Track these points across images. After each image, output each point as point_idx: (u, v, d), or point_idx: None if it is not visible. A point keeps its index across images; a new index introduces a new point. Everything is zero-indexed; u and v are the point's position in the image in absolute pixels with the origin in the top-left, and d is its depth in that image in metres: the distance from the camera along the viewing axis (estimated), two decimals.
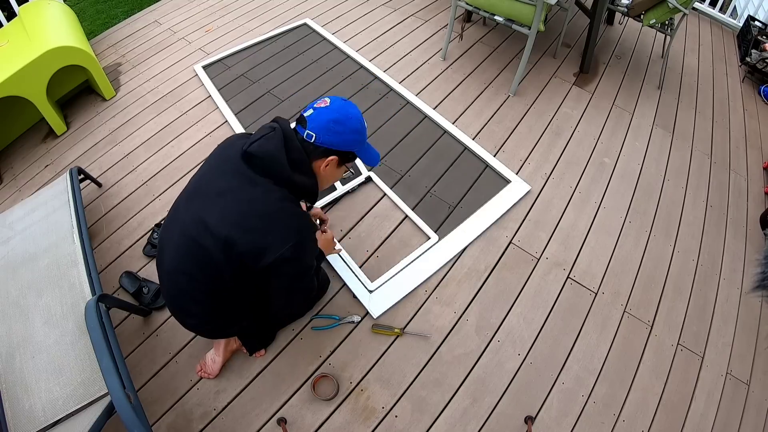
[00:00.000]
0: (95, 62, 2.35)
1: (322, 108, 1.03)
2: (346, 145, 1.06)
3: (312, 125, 1.02)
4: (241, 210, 0.97)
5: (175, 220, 1.08)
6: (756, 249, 1.98)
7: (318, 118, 1.02)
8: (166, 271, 1.10)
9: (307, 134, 1.02)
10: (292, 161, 1.00)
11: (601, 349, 1.57)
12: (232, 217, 0.97)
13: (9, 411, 1.17)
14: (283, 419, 1.36)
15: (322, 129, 1.02)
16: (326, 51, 2.70)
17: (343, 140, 1.05)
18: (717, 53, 3.06)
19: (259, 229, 0.96)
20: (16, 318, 1.35)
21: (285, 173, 1.00)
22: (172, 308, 1.18)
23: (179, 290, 1.09)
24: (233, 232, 0.96)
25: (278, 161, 0.99)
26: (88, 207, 1.96)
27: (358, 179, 1.97)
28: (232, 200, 0.98)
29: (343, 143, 1.05)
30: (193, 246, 1.00)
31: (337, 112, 1.03)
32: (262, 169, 1.00)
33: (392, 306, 1.60)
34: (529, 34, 2.19)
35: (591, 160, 2.16)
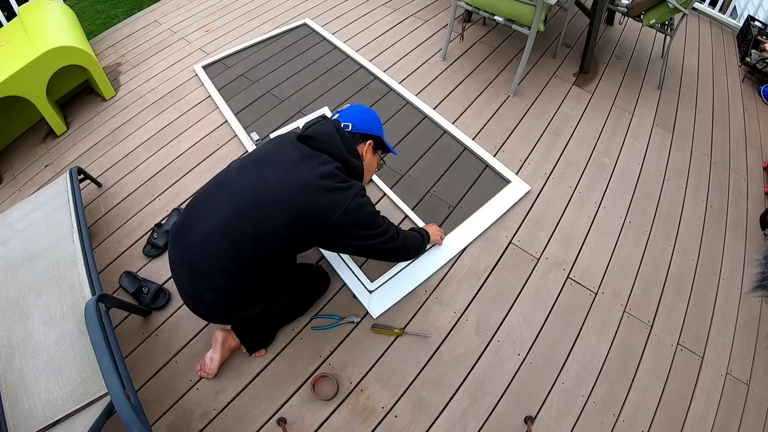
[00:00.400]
0: (95, 62, 2.35)
1: (346, 108, 1.30)
2: (375, 130, 1.30)
3: (345, 118, 1.26)
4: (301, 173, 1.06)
5: (221, 188, 1.14)
6: (756, 249, 1.98)
7: (348, 114, 1.28)
8: (203, 233, 1.08)
9: (344, 125, 1.24)
10: (345, 145, 1.16)
11: (601, 349, 1.57)
12: (293, 179, 1.06)
13: (9, 411, 1.17)
14: (283, 419, 1.36)
15: (355, 119, 1.26)
16: (326, 51, 2.70)
17: (372, 125, 1.30)
18: (717, 53, 3.06)
19: (320, 190, 1.05)
20: (16, 318, 1.35)
21: (341, 152, 1.15)
22: (191, 282, 1.13)
23: (210, 256, 1.07)
24: (294, 193, 1.04)
25: (335, 140, 1.15)
26: (88, 207, 1.96)
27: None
28: (292, 167, 1.08)
29: (372, 128, 1.30)
30: (251, 205, 1.05)
31: (359, 107, 1.31)
32: (318, 148, 1.13)
33: (392, 306, 1.60)
34: (529, 34, 2.19)
35: (591, 160, 2.16)
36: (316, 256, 1.74)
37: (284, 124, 2.25)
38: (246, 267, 1.10)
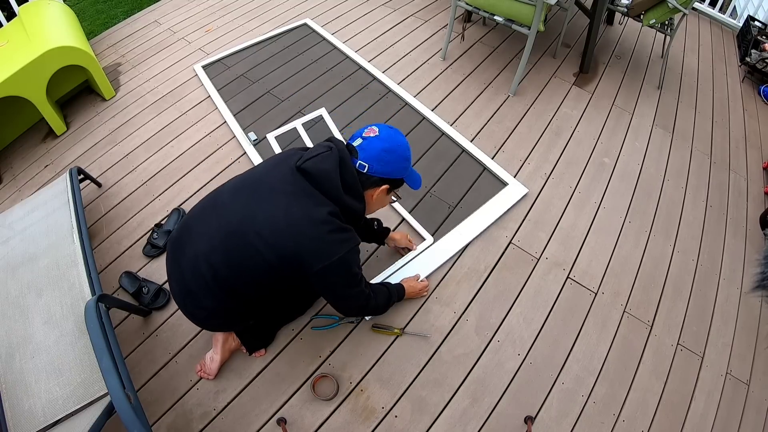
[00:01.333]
0: (95, 62, 2.35)
1: (372, 138, 1.06)
2: (397, 173, 1.10)
3: (364, 155, 1.05)
4: (293, 214, 0.98)
5: (213, 209, 1.09)
6: (756, 249, 1.98)
7: (369, 148, 1.05)
8: (191, 257, 1.07)
9: (360, 165, 1.05)
10: (345, 184, 1.03)
11: (601, 349, 1.57)
12: (283, 219, 0.98)
13: (9, 411, 1.17)
14: (283, 419, 1.36)
15: (374, 159, 1.04)
16: (326, 51, 2.70)
17: (394, 169, 1.08)
18: (717, 53, 3.06)
19: (308, 237, 0.98)
20: (16, 318, 1.35)
21: (337, 194, 1.02)
22: (183, 298, 1.14)
23: (198, 280, 1.07)
24: (282, 234, 0.98)
25: (332, 182, 1.01)
26: (88, 207, 1.96)
27: None
28: (285, 203, 1.00)
29: (395, 171, 1.09)
30: (233, 242, 1.02)
31: (388, 141, 1.05)
32: (315, 184, 1.02)
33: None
34: (529, 34, 2.19)
35: (591, 160, 2.16)
36: None
37: (284, 124, 2.25)
38: (231, 294, 1.08)
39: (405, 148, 1.09)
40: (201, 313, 1.15)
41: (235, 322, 1.25)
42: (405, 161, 1.09)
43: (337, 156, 1.03)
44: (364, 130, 1.08)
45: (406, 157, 1.10)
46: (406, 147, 1.09)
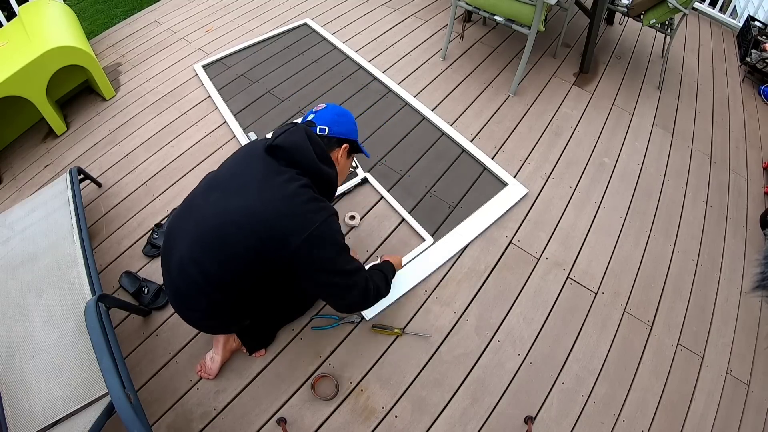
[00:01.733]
0: (95, 62, 2.35)
1: (323, 109, 1.22)
2: (351, 134, 1.24)
3: (321, 121, 1.18)
4: (265, 196, 0.99)
5: (189, 212, 1.09)
6: (756, 249, 1.98)
7: (324, 116, 1.20)
8: (177, 261, 1.07)
9: (320, 129, 1.17)
10: (316, 153, 1.09)
11: (601, 349, 1.57)
12: (257, 203, 0.98)
13: (9, 411, 1.17)
14: (283, 419, 1.36)
15: (332, 122, 1.19)
16: (326, 51, 2.70)
17: (348, 129, 1.23)
18: (717, 53, 3.06)
19: (284, 213, 0.97)
20: (16, 318, 1.35)
21: (312, 162, 1.07)
22: (177, 302, 1.15)
23: (188, 282, 1.07)
24: (258, 217, 0.97)
25: (305, 150, 1.06)
26: (88, 207, 1.96)
27: (355, 180, 1.96)
28: (256, 188, 1.00)
29: (349, 132, 1.23)
30: (212, 236, 1.01)
31: (338, 109, 1.23)
32: (287, 160, 1.05)
33: (386, 308, 1.60)
34: (529, 34, 2.19)
35: (591, 160, 2.16)
36: None
37: (284, 124, 2.25)
38: (223, 289, 1.06)
39: (350, 116, 1.26)
40: (196, 314, 1.15)
41: (231, 322, 1.23)
42: (354, 125, 1.26)
43: (302, 129, 1.10)
44: (314, 108, 1.24)
45: (354, 121, 1.26)
46: (351, 116, 1.27)
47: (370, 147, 2.12)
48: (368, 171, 2.02)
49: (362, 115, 2.30)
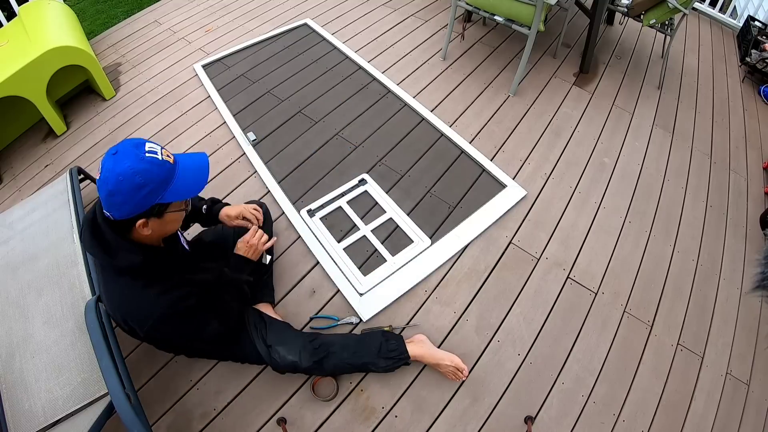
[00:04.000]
0: (95, 62, 2.36)
1: (98, 181, 0.88)
2: (141, 207, 0.89)
3: (103, 205, 0.90)
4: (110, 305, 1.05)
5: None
6: (756, 249, 1.98)
7: (100, 195, 0.88)
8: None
9: (106, 215, 0.91)
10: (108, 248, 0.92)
11: (601, 349, 1.57)
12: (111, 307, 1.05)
13: (9, 411, 1.17)
14: (283, 419, 1.36)
15: (108, 206, 0.88)
16: (326, 51, 2.70)
17: (133, 205, 0.88)
18: (717, 53, 3.06)
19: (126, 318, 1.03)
20: (16, 318, 1.35)
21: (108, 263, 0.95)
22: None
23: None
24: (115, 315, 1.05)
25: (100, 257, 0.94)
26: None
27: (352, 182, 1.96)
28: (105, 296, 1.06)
29: (136, 207, 0.88)
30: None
31: (107, 183, 0.85)
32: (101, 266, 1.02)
33: (384, 308, 1.60)
34: (529, 34, 2.19)
35: (591, 160, 2.16)
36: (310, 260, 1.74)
37: (284, 124, 2.25)
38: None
39: (127, 179, 0.85)
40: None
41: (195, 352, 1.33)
42: (137, 191, 0.86)
43: (88, 225, 0.94)
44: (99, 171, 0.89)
45: (136, 185, 0.85)
46: (128, 175, 0.84)
47: (370, 147, 2.12)
48: (368, 172, 2.02)
49: (362, 116, 2.30)
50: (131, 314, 0.99)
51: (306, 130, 2.22)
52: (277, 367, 1.30)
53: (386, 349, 1.36)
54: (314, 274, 1.70)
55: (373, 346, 1.35)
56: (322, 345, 1.32)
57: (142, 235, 0.94)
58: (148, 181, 0.87)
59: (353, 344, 1.36)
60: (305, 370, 1.30)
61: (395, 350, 1.37)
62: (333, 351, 1.32)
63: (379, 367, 1.35)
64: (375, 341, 1.37)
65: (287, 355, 1.28)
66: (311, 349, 1.30)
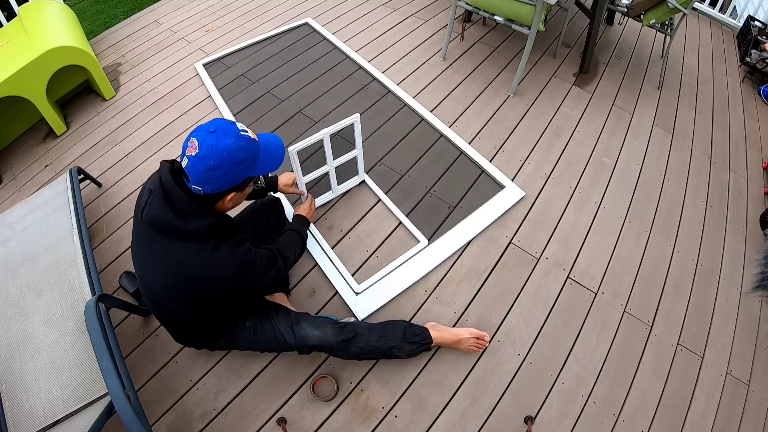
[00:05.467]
0: (95, 62, 2.36)
1: (193, 157, 0.91)
2: (236, 180, 0.97)
3: (193, 179, 0.93)
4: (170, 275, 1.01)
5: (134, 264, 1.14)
6: (756, 249, 1.98)
7: (194, 170, 0.92)
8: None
9: (196, 189, 0.95)
10: (180, 213, 0.95)
11: (601, 349, 1.57)
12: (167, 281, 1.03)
13: (9, 411, 1.17)
14: (283, 419, 1.36)
15: (203, 181, 0.93)
16: (326, 51, 2.70)
17: (230, 179, 0.96)
18: (717, 53, 3.06)
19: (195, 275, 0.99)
20: (16, 318, 1.35)
21: (177, 229, 0.96)
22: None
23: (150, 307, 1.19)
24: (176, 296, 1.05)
25: (167, 222, 0.95)
26: (88, 207, 1.96)
27: (353, 181, 1.96)
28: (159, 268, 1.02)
29: (232, 180, 0.96)
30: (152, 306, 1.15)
31: (208, 158, 0.90)
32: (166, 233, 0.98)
33: (382, 307, 1.60)
34: (529, 34, 2.19)
35: (591, 160, 2.16)
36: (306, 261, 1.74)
37: (284, 124, 2.25)
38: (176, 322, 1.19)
39: (232, 154, 0.92)
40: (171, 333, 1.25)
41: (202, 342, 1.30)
42: (239, 165, 0.94)
43: (159, 192, 0.96)
44: (188, 142, 0.93)
45: (238, 160, 0.94)
46: (233, 151, 0.92)
47: (370, 147, 2.12)
48: (367, 172, 2.01)
49: (362, 115, 2.28)
50: (206, 275, 0.98)
51: (306, 130, 2.22)
52: (303, 345, 1.28)
53: (411, 333, 1.40)
54: (314, 274, 1.70)
55: (398, 330, 1.39)
56: (349, 327, 1.33)
57: (222, 206, 1.02)
58: (248, 156, 0.96)
59: (378, 329, 1.37)
60: (331, 347, 1.31)
61: (419, 335, 1.41)
62: (360, 333, 1.33)
63: (404, 351, 1.38)
64: (399, 327, 1.40)
65: (313, 330, 1.29)
66: (338, 327, 1.32)
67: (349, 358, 1.37)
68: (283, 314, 1.33)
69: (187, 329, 1.22)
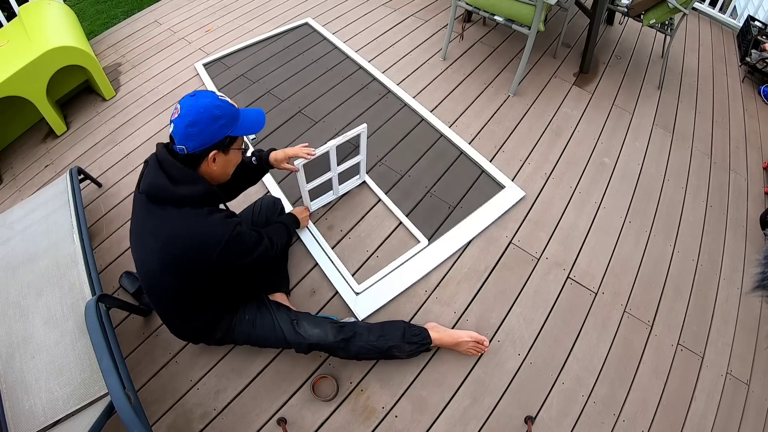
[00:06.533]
0: (95, 62, 2.36)
1: (176, 119, 1.00)
2: (215, 137, 1.03)
3: (177, 139, 1.01)
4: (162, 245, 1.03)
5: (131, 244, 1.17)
6: (756, 249, 1.98)
7: (176, 130, 1.00)
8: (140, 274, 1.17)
9: (179, 149, 1.02)
10: (171, 178, 1.01)
11: (601, 349, 1.57)
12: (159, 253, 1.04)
13: (9, 411, 1.17)
14: (283, 419, 1.36)
15: (184, 138, 1.00)
16: (326, 51, 2.70)
17: (207, 137, 1.02)
18: (717, 53, 3.06)
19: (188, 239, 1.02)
20: (16, 318, 1.35)
21: (170, 193, 1.01)
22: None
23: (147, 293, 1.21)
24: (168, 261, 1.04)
25: (160, 187, 1.01)
26: (88, 207, 1.96)
27: (354, 181, 1.96)
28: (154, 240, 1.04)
29: (211, 137, 1.02)
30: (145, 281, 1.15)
31: (188, 115, 0.99)
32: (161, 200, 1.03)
33: (382, 307, 1.60)
34: (529, 34, 2.19)
35: (591, 160, 2.16)
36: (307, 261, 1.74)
37: (284, 124, 2.25)
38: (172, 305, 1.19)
39: (209, 110, 1.00)
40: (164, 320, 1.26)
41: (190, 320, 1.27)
42: (215, 121, 1.01)
43: (153, 161, 1.04)
44: (173, 112, 1.02)
45: (214, 117, 1.00)
46: (209, 108, 1.00)
47: (370, 147, 2.12)
48: (367, 172, 2.01)
49: (362, 116, 2.30)
50: (199, 241, 1.01)
51: (306, 130, 2.22)
52: (302, 342, 1.30)
53: (410, 334, 1.41)
54: (314, 274, 1.70)
55: (397, 331, 1.40)
56: (348, 326, 1.35)
57: (208, 170, 1.07)
58: (224, 113, 1.03)
59: (377, 329, 1.39)
60: (330, 346, 1.32)
61: (418, 335, 1.42)
62: (359, 332, 1.34)
63: (404, 351, 1.40)
64: (398, 327, 1.41)
65: (313, 329, 1.30)
66: (337, 326, 1.33)
67: (348, 357, 1.38)
68: (284, 310, 1.35)
69: (182, 314, 1.21)
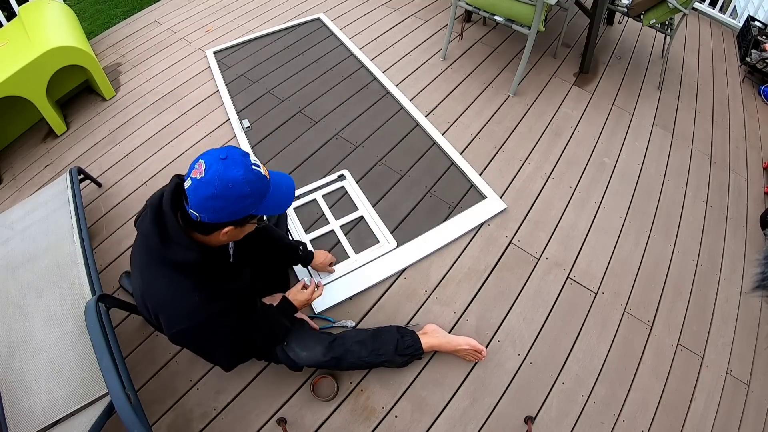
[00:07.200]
0: (95, 62, 2.36)
1: (197, 180, 0.84)
2: (237, 215, 0.89)
3: (193, 202, 0.85)
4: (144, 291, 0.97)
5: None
6: (756, 249, 1.98)
7: (195, 194, 0.84)
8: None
9: (192, 213, 0.87)
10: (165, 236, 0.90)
11: (601, 349, 1.57)
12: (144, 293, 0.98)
13: (9, 411, 1.17)
14: (283, 419, 1.36)
15: (202, 208, 0.85)
16: (327, 51, 2.70)
17: (230, 212, 0.87)
18: (717, 53, 3.06)
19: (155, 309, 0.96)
20: (16, 318, 1.35)
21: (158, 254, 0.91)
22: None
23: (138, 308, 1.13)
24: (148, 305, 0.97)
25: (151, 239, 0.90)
26: (88, 207, 1.96)
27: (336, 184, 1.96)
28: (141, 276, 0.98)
29: (232, 214, 0.88)
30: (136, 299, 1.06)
31: (212, 185, 0.82)
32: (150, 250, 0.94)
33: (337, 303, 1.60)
34: (529, 34, 2.19)
35: (591, 160, 2.16)
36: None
37: (284, 124, 2.26)
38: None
39: (238, 187, 0.84)
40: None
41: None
42: (243, 200, 0.86)
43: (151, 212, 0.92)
44: (195, 164, 0.86)
45: (243, 195, 0.85)
46: (240, 185, 0.84)
47: (370, 147, 2.12)
48: (367, 172, 2.01)
49: (362, 116, 2.30)
50: (166, 310, 0.93)
51: (306, 130, 2.22)
52: (294, 365, 1.30)
53: (402, 346, 1.40)
54: None
55: (390, 343, 1.38)
56: (338, 342, 1.33)
57: (215, 239, 0.93)
58: (254, 192, 0.87)
59: (370, 342, 1.36)
60: (320, 365, 1.33)
61: (411, 347, 1.41)
62: (351, 349, 1.33)
63: (395, 363, 1.40)
64: (391, 338, 1.39)
65: (302, 351, 1.29)
66: (327, 344, 1.31)
67: (340, 371, 1.40)
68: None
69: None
